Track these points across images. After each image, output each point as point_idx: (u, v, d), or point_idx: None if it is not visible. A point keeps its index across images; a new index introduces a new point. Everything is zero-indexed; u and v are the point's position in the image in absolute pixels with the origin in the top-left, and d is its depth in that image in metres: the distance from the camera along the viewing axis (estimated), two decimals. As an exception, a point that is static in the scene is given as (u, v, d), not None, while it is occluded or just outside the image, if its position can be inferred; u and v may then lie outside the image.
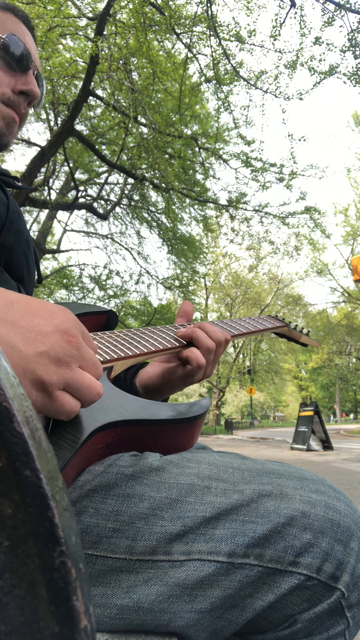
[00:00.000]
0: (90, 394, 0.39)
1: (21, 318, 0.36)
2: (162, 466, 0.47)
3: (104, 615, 0.42)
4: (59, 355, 0.36)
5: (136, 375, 0.76)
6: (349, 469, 6.26)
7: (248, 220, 11.37)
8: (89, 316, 0.72)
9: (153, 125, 7.05)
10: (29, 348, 0.35)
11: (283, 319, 0.98)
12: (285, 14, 6.19)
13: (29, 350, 0.35)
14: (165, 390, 0.74)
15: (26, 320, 0.36)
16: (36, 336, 0.35)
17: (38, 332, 0.36)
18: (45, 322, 0.37)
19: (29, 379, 0.35)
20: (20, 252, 0.66)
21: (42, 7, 5.71)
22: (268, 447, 12.14)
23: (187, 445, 0.56)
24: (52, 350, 0.36)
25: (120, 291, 13.50)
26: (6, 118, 0.67)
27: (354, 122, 23.80)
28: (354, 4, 5.70)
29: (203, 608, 0.43)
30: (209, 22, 6.06)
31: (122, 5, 6.32)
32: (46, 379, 0.35)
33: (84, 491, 0.44)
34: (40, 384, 0.35)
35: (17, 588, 0.16)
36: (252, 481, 0.47)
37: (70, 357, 0.37)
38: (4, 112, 0.66)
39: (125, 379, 0.76)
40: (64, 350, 0.36)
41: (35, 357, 0.35)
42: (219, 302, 27.47)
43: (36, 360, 0.35)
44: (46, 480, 0.17)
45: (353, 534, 0.46)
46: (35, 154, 6.84)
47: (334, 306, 28.64)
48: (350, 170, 23.17)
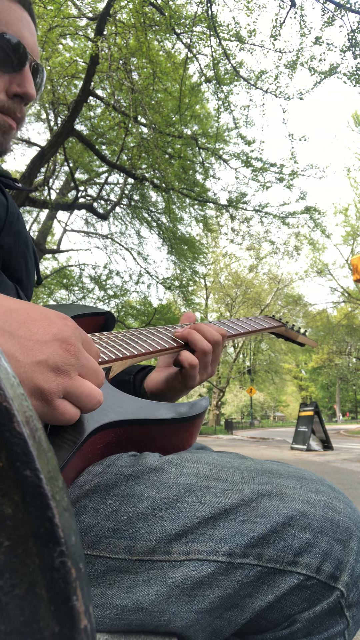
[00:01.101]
0: (91, 402, 0.39)
1: (19, 327, 0.36)
2: (161, 466, 0.47)
3: (103, 615, 0.42)
4: (57, 363, 0.36)
5: (144, 381, 0.76)
6: (349, 469, 6.26)
7: (248, 220, 11.36)
8: (86, 317, 0.72)
9: (153, 125, 7.05)
10: (27, 357, 0.35)
11: (280, 319, 0.98)
12: (286, 13, 6.19)
13: (26, 359, 0.35)
14: (171, 396, 0.74)
15: (24, 329, 0.36)
16: (34, 345, 0.35)
17: (36, 341, 0.36)
18: (43, 330, 0.37)
19: (27, 387, 0.35)
20: (19, 254, 0.66)
21: (42, 7, 5.71)
22: (268, 447, 12.14)
23: (186, 445, 0.56)
24: (51, 359, 0.36)
25: (120, 291, 13.50)
26: (2, 127, 0.62)
27: (354, 122, 23.81)
28: (354, 4, 5.70)
29: (202, 608, 0.43)
30: (209, 22, 6.06)
31: (122, 5, 6.32)
32: (45, 388, 0.35)
33: (83, 491, 0.44)
34: (39, 393, 0.35)
35: (17, 588, 0.16)
36: (252, 481, 0.47)
37: (69, 366, 0.37)
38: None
39: (133, 383, 0.76)
40: (62, 359, 0.36)
41: (33, 366, 0.35)
42: (219, 302, 27.47)
43: (34, 369, 0.35)
44: (46, 480, 0.17)
45: (352, 534, 0.46)
46: (35, 154, 6.84)
47: (334, 306, 28.64)
48: (350, 170, 23.18)
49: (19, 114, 0.64)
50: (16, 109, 0.63)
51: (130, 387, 0.76)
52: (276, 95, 7.27)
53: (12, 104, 0.62)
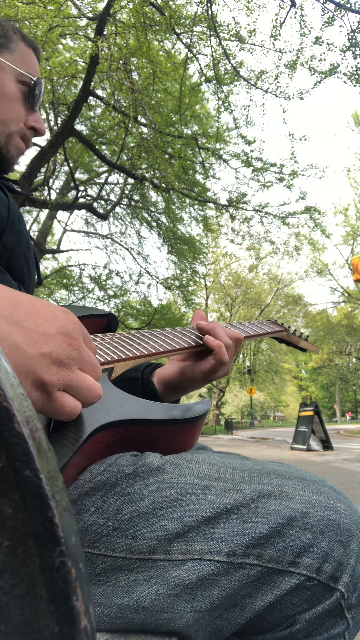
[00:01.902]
0: (91, 395, 0.39)
1: (25, 318, 0.36)
2: (162, 466, 0.47)
3: (104, 614, 0.42)
4: (60, 357, 0.37)
5: (153, 374, 0.77)
6: (349, 469, 6.26)
7: (248, 220, 11.36)
8: (89, 319, 0.72)
9: (153, 125, 7.05)
10: (32, 349, 0.35)
11: (282, 324, 0.99)
12: (286, 13, 6.19)
13: (32, 350, 0.35)
14: (187, 386, 0.75)
15: (30, 321, 0.36)
16: (39, 337, 0.36)
17: (41, 334, 0.36)
18: (48, 323, 0.37)
19: (30, 379, 0.35)
20: (21, 254, 0.67)
21: (42, 7, 5.70)
22: (268, 447, 12.15)
23: (188, 446, 0.56)
24: (55, 351, 0.36)
25: (120, 291, 13.50)
26: (19, 149, 0.75)
27: (354, 122, 23.81)
28: (354, 4, 5.70)
29: (203, 607, 0.43)
30: (209, 22, 6.06)
31: (122, 5, 6.32)
32: (47, 380, 0.36)
33: (84, 490, 0.44)
34: (41, 385, 0.36)
35: (17, 588, 0.16)
36: (252, 481, 0.47)
37: (71, 359, 0.37)
38: (18, 144, 0.74)
39: (141, 378, 0.77)
40: (65, 353, 0.37)
41: (38, 358, 0.35)
42: (219, 302, 27.48)
43: (38, 360, 0.35)
44: (46, 480, 0.17)
45: (353, 535, 0.46)
46: (35, 154, 6.83)
47: (334, 306, 28.64)
48: (350, 170, 23.19)
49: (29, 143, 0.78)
50: (29, 138, 0.77)
51: (138, 382, 0.76)
52: (276, 95, 7.27)
53: (28, 132, 0.75)
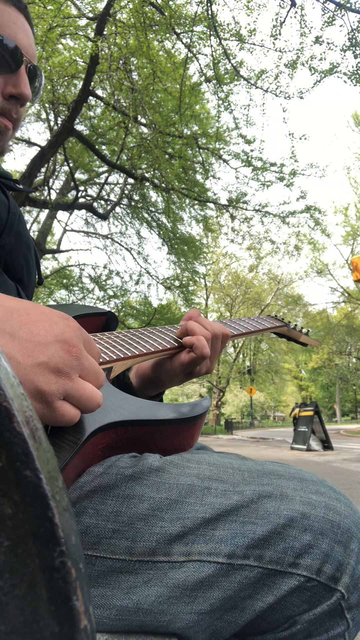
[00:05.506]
0: (91, 404, 0.38)
1: (20, 328, 0.36)
2: (162, 467, 0.47)
3: (103, 616, 0.42)
4: (58, 365, 0.36)
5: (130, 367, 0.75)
6: (349, 469, 6.26)
7: (248, 220, 11.36)
8: (88, 318, 0.72)
9: (153, 125, 7.05)
10: (28, 359, 0.35)
11: (282, 319, 0.98)
12: (286, 13, 6.19)
13: (27, 361, 0.34)
14: (166, 380, 0.72)
15: (25, 331, 0.36)
16: (35, 347, 0.35)
17: (37, 343, 0.35)
18: (45, 331, 0.36)
19: (28, 389, 0.34)
20: (20, 255, 0.66)
21: (42, 7, 5.70)
22: (268, 447, 12.14)
23: (187, 446, 0.56)
24: (52, 360, 0.35)
25: (120, 291, 13.49)
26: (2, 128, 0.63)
27: (354, 122, 23.80)
28: (354, 4, 5.69)
29: (203, 609, 0.43)
30: (209, 21, 6.05)
31: (122, 5, 6.32)
32: (45, 389, 0.35)
33: (83, 492, 0.44)
34: (40, 395, 0.35)
35: (17, 588, 0.16)
36: (252, 482, 0.47)
37: (70, 368, 0.36)
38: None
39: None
40: (63, 361, 0.36)
41: (34, 368, 0.35)
42: (219, 302, 27.48)
43: (35, 371, 0.35)
44: (46, 480, 0.17)
45: (353, 536, 0.46)
46: (35, 153, 6.83)
47: (334, 306, 28.65)
48: (350, 169, 23.18)
49: (15, 114, 0.65)
50: (12, 110, 0.64)
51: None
52: (276, 95, 7.26)
53: (7, 105, 0.63)
